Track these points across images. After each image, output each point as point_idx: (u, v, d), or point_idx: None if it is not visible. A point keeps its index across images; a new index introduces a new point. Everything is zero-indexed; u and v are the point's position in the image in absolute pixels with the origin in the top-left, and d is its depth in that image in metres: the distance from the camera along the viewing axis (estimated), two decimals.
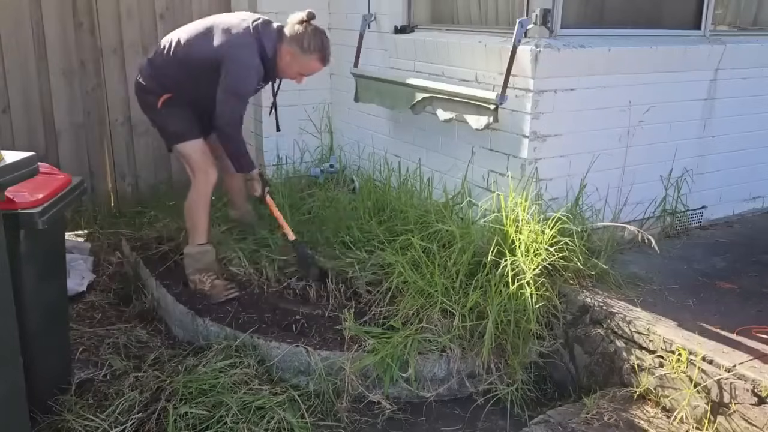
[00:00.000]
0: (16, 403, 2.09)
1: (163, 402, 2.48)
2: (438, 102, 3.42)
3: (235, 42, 3.04)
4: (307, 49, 3.07)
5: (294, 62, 3.12)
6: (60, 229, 2.64)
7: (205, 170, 3.23)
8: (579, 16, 3.29)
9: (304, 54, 3.08)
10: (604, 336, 2.72)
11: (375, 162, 4.26)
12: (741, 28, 3.89)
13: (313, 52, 3.08)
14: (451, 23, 3.78)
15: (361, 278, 3.19)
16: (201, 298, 3.21)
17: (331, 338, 2.91)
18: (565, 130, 3.16)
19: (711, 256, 3.40)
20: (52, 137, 4.29)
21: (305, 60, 3.10)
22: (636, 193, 3.48)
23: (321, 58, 3.12)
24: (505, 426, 2.66)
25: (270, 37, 3.08)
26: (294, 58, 3.10)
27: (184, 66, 3.12)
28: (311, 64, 3.13)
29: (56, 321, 2.57)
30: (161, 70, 3.18)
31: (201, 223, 3.25)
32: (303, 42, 3.06)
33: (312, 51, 3.08)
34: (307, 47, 3.06)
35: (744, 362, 2.32)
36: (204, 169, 3.23)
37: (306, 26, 3.08)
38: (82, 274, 3.58)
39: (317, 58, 3.11)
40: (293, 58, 3.10)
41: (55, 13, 4.14)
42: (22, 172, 2.03)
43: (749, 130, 3.85)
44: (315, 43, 3.07)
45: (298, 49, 3.07)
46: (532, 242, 2.88)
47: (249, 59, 3.03)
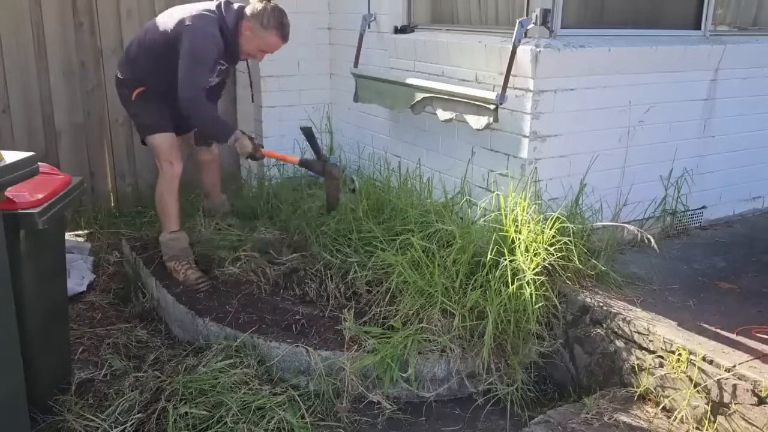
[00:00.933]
0: (16, 403, 2.09)
1: (163, 402, 2.48)
2: (438, 102, 3.42)
3: (194, 15, 3.16)
4: (267, 25, 3.18)
5: (254, 38, 3.22)
6: (60, 229, 2.64)
7: (170, 161, 3.34)
8: (579, 16, 3.29)
9: (264, 29, 3.19)
10: (604, 336, 2.72)
11: (375, 162, 4.26)
12: (741, 28, 3.89)
13: (272, 28, 3.19)
14: (451, 23, 3.78)
15: (361, 278, 3.19)
16: (201, 298, 3.22)
17: (331, 338, 2.91)
18: (565, 130, 3.16)
19: (711, 256, 3.40)
20: (52, 137, 4.29)
21: (265, 35, 3.21)
22: (636, 193, 3.48)
23: (280, 35, 3.23)
24: (505, 426, 2.66)
25: (231, 13, 3.20)
26: (254, 33, 3.22)
27: (152, 52, 3.24)
28: (270, 39, 3.24)
29: (56, 321, 2.57)
30: (134, 61, 3.31)
31: (171, 212, 3.38)
32: (263, 18, 3.18)
33: (271, 27, 3.19)
34: (266, 23, 3.18)
35: (744, 362, 2.31)
36: (169, 160, 3.33)
37: (266, 4, 3.20)
38: (82, 274, 3.58)
39: (276, 34, 3.22)
40: (253, 33, 3.22)
41: (55, 13, 4.14)
42: (22, 172, 2.04)
43: (749, 130, 3.85)
44: (274, 20, 3.19)
45: (257, 24, 3.18)
46: (532, 242, 2.88)
47: (206, 27, 3.14)
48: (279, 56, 4.39)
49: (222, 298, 3.24)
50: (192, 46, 3.08)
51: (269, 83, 4.46)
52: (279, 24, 3.20)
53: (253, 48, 3.28)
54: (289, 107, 4.56)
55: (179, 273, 3.35)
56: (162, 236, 3.44)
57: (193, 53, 3.09)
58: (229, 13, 3.20)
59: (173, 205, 3.38)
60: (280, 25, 3.20)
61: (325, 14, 4.56)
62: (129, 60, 3.33)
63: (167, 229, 3.42)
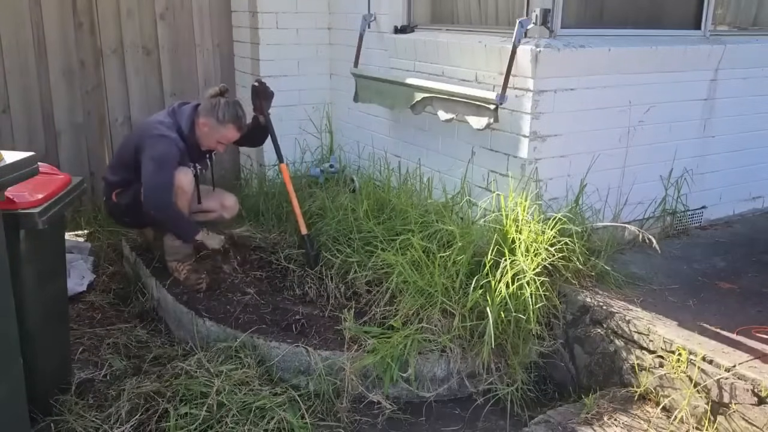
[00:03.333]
0: (16, 403, 2.09)
1: (163, 403, 2.48)
2: (438, 102, 3.42)
3: (148, 125, 3.28)
4: (223, 120, 3.26)
5: (211, 133, 3.29)
6: (60, 229, 2.64)
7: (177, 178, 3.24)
8: (579, 16, 3.29)
9: (220, 124, 3.26)
10: (604, 336, 2.72)
11: (375, 162, 4.26)
12: (741, 28, 3.89)
13: (227, 122, 3.27)
14: (451, 23, 3.78)
15: (361, 278, 3.19)
16: (201, 298, 3.22)
17: (331, 338, 2.91)
18: (565, 130, 3.16)
19: (711, 256, 3.40)
20: (52, 137, 4.29)
21: (222, 129, 3.28)
22: (636, 193, 3.48)
23: (236, 127, 3.31)
24: (505, 426, 2.66)
25: (184, 114, 3.30)
26: (211, 129, 3.28)
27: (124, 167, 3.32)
28: (228, 133, 3.31)
29: (56, 321, 2.57)
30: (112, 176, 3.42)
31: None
32: (218, 114, 3.25)
33: (227, 121, 3.26)
34: (222, 118, 3.25)
35: (744, 362, 2.32)
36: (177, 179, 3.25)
37: (219, 99, 3.28)
38: (82, 274, 3.58)
39: (233, 127, 3.30)
40: (210, 129, 3.28)
41: (55, 13, 4.14)
42: (22, 172, 2.03)
43: (749, 130, 3.85)
44: (229, 114, 3.26)
45: (214, 120, 3.26)
46: (532, 242, 2.88)
47: (163, 133, 3.20)
48: (279, 56, 4.43)
49: (222, 298, 3.24)
50: (152, 153, 3.15)
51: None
52: (234, 117, 3.27)
53: (212, 142, 3.33)
54: (289, 107, 4.56)
55: (180, 273, 3.37)
56: (167, 239, 3.40)
57: (155, 157, 3.15)
58: (181, 115, 3.29)
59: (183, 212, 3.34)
60: (235, 118, 3.28)
61: (325, 14, 4.56)
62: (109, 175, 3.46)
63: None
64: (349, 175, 4.39)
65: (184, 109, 3.33)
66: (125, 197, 3.37)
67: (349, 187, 4.20)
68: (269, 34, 4.39)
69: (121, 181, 3.38)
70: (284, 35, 4.23)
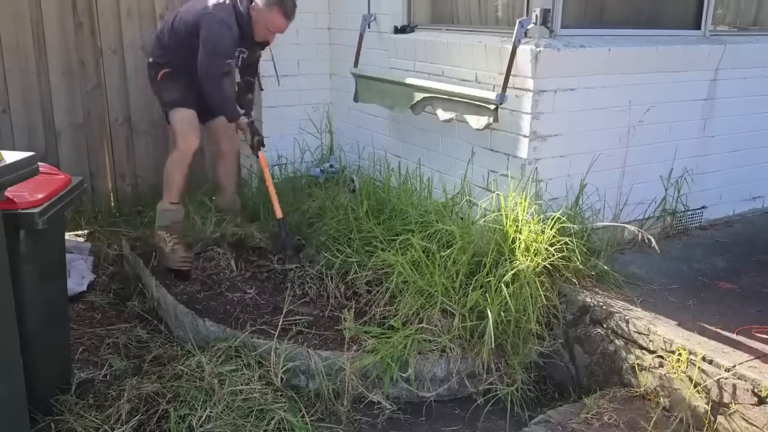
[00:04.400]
0: (16, 403, 2.09)
1: (163, 404, 2.48)
2: (438, 102, 3.42)
3: (212, 5, 3.32)
4: (270, 3, 3.31)
5: (260, 18, 3.36)
6: (60, 229, 2.64)
7: (186, 136, 3.44)
8: (579, 16, 3.29)
9: (266, 8, 3.33)
10: (604, 336, 2.72)
11: (375, 162, 4.26)
12: (741, 28, 3.89)
13: (273, 5, 3.32)
14: (451, 23, 3.78)
15: (361, 278, 3.19)
16: (201, 298, 3.22)
17: (331, 338, 2.91)
18: (565, 130, 3.16)
19: (711, 256, 3.40)
20: (52, 137, 4.29)
21: (268, 14, 3.34)
22: (636, 193, 3.48)
23: (282, 12, 3.35)
24: (505, 426, 2.66)
25: (244, 2, 3.36)
26: (259, 14, 3.35)
27: (177, 36, 3.39)
28: (274, 18, 3.36)
29: (56, 321, 2.57)
30: (164, 45, 3.46)
31: (175, 184, 3.48)
32: None
33: (272, 4, 3.31)
34: (269, 1, 3.31)
35: (744, 362, 2.32)
36: (185, 135, 3.44)
37: None
38: (82, 274, 3.58)
39: (278, 11, 3.34)
40: (258, 14, 3.35)
41: (55, 13, 4.14)
42: (22, 172, 2.04)
43: (749, 130, 3.85)
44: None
45: (262, 4, 3.33)
46: (532, 242, 2.88)
47: (223, 18, 3.27)
48: (279, 56, 4.42)
49: (222, 297, 3.24)
50: (210, 38, 3.25)
51: (269, 83, 4.46)
52: (280, 2, 3.31)
53: (262, 30, 3.40)
54: (289, 107, 4.56)
55: (167, 243, 3.42)
56: (160, 204, 3.51)
57: (212, 44, 3.25)
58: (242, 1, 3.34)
59: (179, 179, 3.47)
60: (280, 2, 3.31)
61: (325, 14, 4.56)
62: (160, 44, 3.48)
63: (167, 198, 3.51)
64: (349, 175, 4.39)
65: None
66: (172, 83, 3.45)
67: (349, 187, 4.20)
68: None
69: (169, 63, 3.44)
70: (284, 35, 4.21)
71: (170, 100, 3.49)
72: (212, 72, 3.29)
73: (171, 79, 3.46)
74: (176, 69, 3.44)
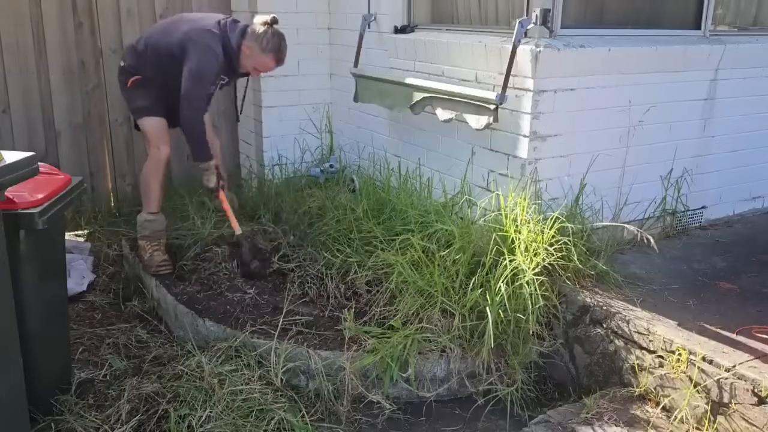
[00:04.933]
0: (16, 403, 2.09)
1: (163, 404, 2.48)
2: (438, 102, 3.42)
3: (200, 30, 3.35)
4: (265, 48, 3.38)
5: (251, 58, 3.42)
6: (60, 229, 2.64)
7: (157, 145, 3.49)
8: (579, 16, 3.29)
9: (262, 52, 3.39)
10: (604, 336, 2.72)
11: (375, 162, 4.26)
12: (741, 28, 3.89)
13: (269, 52, 3.40)
14: (451, 23, 3.78)
15: (361, 278, 3.19)
16: (201, 298, 3.22)
17: (331, 338, 2.91)
18: (565, 130, 3.16)
19: (711, 256, 3.40)
20: (52, 137, 4.29)
21: (261, 58, 3.41)
22: (636, 193, 3.48)
23: (275, 59, 3.45)
24: (505, 426, 2.66)
25: (235, 32, 3.40)
26: (252, 54, 3.40)
27: (156, 52, 3.42)
28: (266, 62, 3.44)
29: (56, 321, 2.57)
30: (139, 54, 3.47)
31: (153, 193, 3.54)
32: (262, 41, 3.37)
33: (269, 51, 3.39)
34: (265, 47, 3.38)
35: (744, 362, 2.32)
36: (156, 144, 3.49)
37: (268, 28, 3.39)
38: (82, 274, 3.58)
39: (273, 58, 3.43)
40: (251, 53, 3.40)
41: (55, 13, 4.14)
42: (22, 172, 2.03)
43: (749, 130, 3.85)
44: (273, 45, 3.39)
45: (257, 46, 3.38)
46: (532, 242, 2.88)
47: (210, 45, 3.32)
48: None
49: (221, 298, 3.24)
50: (196, 65, 3.28)
51: (269, 83, 4.46)
52: (276, 48, 3.40)
53: (250, 67, 3.49)
54: (289, 107, 4.56)
55: (146, 252, 3.49)
56: (140, 216, 3.58)
57: (198, 70, 3.29)
58: (233, 32, 3.39)
59: (156, 188, 3.52)
60: (277, 49, 3.40)
61: (325, 14, 4.55)
62: (136, 52, 3.50)
63: (146, 209, 3.56)
64: (349, 175, 4.39)
65: (236, 26, 3.41)
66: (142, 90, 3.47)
67: (349, 187, 4.20)
68: None
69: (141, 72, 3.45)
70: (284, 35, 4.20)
71: (139, 107, 3.51)
72: (195, 98, 3.30)
73: (141, 87, 3.47)
74: (148, 79, 3.45)
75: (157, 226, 3.55)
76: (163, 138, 3.50)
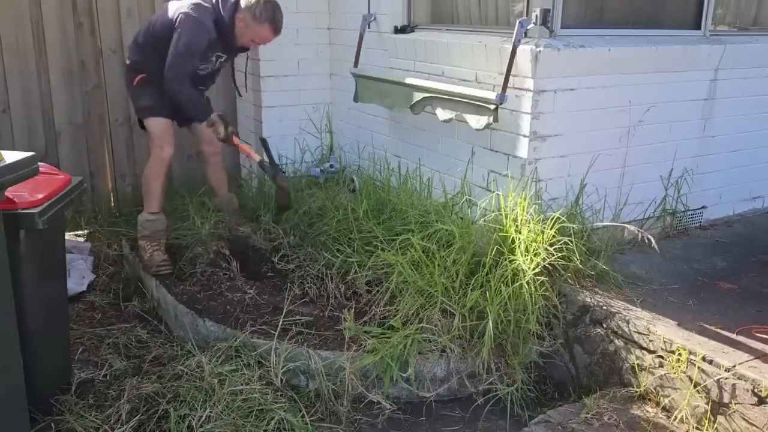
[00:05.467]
0: (16, 403, 2.09)
1: (163, 404, 2.48)
2: (438, 102, 3.42)
3: (190, 4, 3.31)
4: (259, 18, 3.32)
5: (247, 29, 3.36)
6: (60, 229, 2.64)
7: (161, 145, 3.48)
8: (579, 16, 3.29)
9: (256, 22, 3.33)
10: (604, 336, 2.72)
11: (375, 162, 4.26)
12: (741, 28, 3.89)
13: (263, 21, 3.33)
14: (451, 23, 3.78)
15: (361, 278, 3.19)
16: (201, 298, 3.22)
17: (331, 338, 2.91)
18: (565, 130, 3.16)
19: (711, 256, 3.40)
20: (52, 137, 4.29)
21: (257, 28, 3.35)
22: (636, 193, 3.48)
23: (272, 28, 3.37)
24: (505, 426, 2.66)
25: (227, 5, 3.34)
26: (247, 25, 3.34)
27: (155, 38, 3.42)
28: (262, 32, 3.38)
29: (56, 321, 2.57)
30: (141, 47, 3.47)
31: (154, 193, 3.53)
32: (255, 11, 3.31)
33: (263, 20, 3.32)
34: (258, 16, 3.31)
35: (744, 362, 2.32)
36: (160, 144, 3.48)
37: None
38: (82, 274, 3.58)
39: (268, 27, 3.36)
40: (246, 25, 3.34)
41: (55, 13, 4.14)
42: (22, 172, 2.03)
43: (749, 130, 3.85)
44: (266, 13, 3.32)
45: (250, 17, 3.32)
46: (532, 242, 2.88)
47: (200, 17, 3.27)
48: (279, 56, 4.43)
49: (221, 298, 3.24)
50: (182, 35, 3.25)
51: (269, 83, 4.46)
52: (271, 17, 3.33)
53: (247, 39, 3.43)
54: (289, 107, 4.56)
55: (146, 252, 3.49)
56: (141, 215, 3.57)
57: (185, 42, 3.26)
58: (225, 5, 3.33)
59: (157, 188, 3.51)
60: (272, 18, 3.33)
61: (325, 14, 4.56)
62: (137, 45, 3.50)
63: (147, 209, 3.55)
64: (349, 175, 4.39)
65: (227, 1, 3.34)
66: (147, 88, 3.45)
67: (349, 187, 4.20)
68: None
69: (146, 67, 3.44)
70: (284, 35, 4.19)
71: (145, 106, 3.50)
72: (179, 71, 3.27)
73: (147, 85, 3.46)
74: (152, 74, 3.42)
75: (158, 226, 3.55)
76: (168, 139, 3.50)
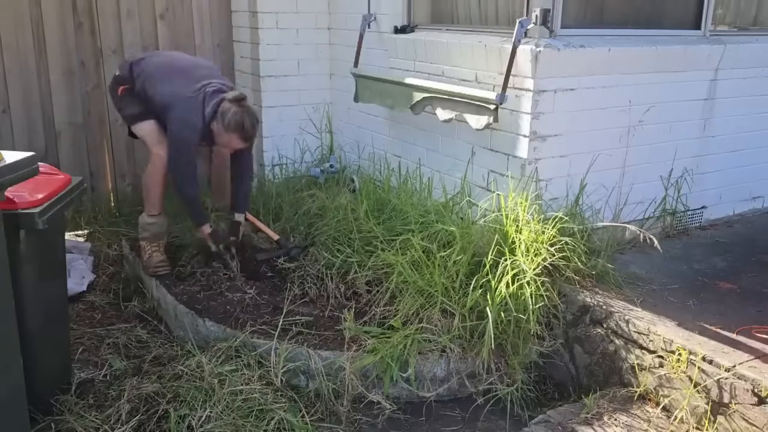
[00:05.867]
0: (16, 403, 2.09)
1: (163, 404, 2.48)
2: (438, 102, 3.42)
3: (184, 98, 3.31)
4: (227, 128, 3.27)
5: (219, 136, 3.35)
6: (60, 229, 2.64)
7: (156, 148, 3.46)
8: (579, 16, 3.29)
9: (226, 132, 3.29)
10: (604, 336, 2.72)
11: (375, 162, 4.26)
12: (741, 28, 3.89)
13: (231, 132, 3.28)
14: (451, 23, 3.78)
15: (361, 278, 3.19)
16: (201, 298, 3.22)
17: (331, 338, 2.91)
18: (565, 130, 3.16)
19: (711, 256, 3.40)
20: (52, 137, 4.29)
21: (226, 137, 3.32)
22: (636, 193, 3.48)
23: (240, 137, 3.32)
24: (505, 426, 2.66)
25: (210, 106, 3.31)
26: (219, 132, 3.33)
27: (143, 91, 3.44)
28: (232, 141, 3.34)
29: (56, 321, 2.57)
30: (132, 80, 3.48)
31: (155, 196, 3.52)
32: (224, 120, 3.27)
33: (231, 130, 3.28)
34: (227, 125, 3.27)
35: (744, 362, 2.32)
36: (156, 146, 3.46)
37: (232, 106, 3.27)
38: (82, 274, 3.58)
39: (237, 137, 3.32)
40: (218, 132, 3.33)
41: (55, 13, 4.14)
42: (22, 172, 2.03)
43: (749, 130, 3.85)
44: (235, 124, 3.26)
45: (221, 125, 3.29)
46: (532, 242, 2.88)
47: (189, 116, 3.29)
48: (279, 56, 4.43)
49: (221, 298, 3.24)
50: (174, 135, 3.32)
51: (269, 83, 4.46)
52: (239, 127, 3.27)
53: (220, 143, 3.41)
54: (289, 107, 4.56)
55: (146, 252, 3.51)
56: (141, 217, 3.58)
57: (177, 139, 3.32)
58: (209, 105, 3.31)
59: (157, 191, 3.51)
60: (240, 128, 3.28)
61: (325, 14, 4.56)
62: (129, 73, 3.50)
63: (148, 211, 3.55)
64: (349, 175, 4.39)
65: (213, 99, 3.33)
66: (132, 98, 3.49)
67: (349, 187, 4.20)
68: (269, 34, 4.39)
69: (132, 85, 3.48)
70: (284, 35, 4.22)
71: (131, 114, 3.52)
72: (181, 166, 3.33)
73: (131, 95, 3.50)
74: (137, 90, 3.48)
75: (158, 228, 3.55)
76: (161, 139, 3.48)
